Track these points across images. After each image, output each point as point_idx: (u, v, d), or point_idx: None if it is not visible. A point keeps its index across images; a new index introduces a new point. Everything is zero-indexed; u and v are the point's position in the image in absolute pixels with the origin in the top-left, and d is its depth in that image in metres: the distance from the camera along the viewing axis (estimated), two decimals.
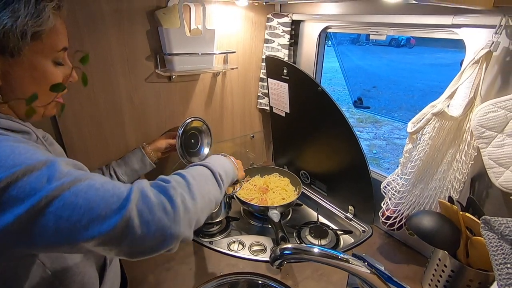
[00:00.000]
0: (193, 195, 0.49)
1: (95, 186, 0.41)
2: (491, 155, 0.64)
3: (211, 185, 0.57)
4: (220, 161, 0.68)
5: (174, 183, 0.48)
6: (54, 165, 0.40)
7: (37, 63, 0.48)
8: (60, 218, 0.38)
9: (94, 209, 0.39)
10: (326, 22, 1.06)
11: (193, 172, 0.55)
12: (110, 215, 0.40)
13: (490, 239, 0.46)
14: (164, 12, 0.90)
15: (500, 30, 0.62)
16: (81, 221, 0.38)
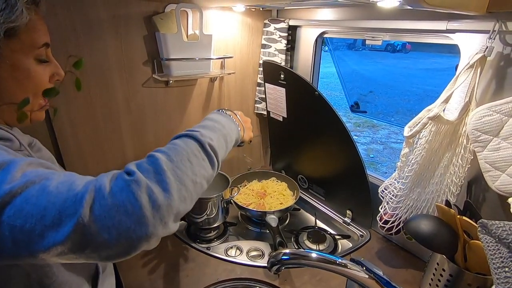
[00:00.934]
0: (167, 186, 0.40)
1: (48, 189, 0.36)
2: (487, 158, 0.65)
3: (197, 167, 0.46)
4: (215, 123, 0.56)
5: (139, 174, 0.39)
6: (10, 167, 0.36)
7: (18, 63, 0.46)
8: (13, 227, 0.34)
9: (46, 216, 0.35)
10: (323, 27, 1.07)
11: (171, 151, 0.45)
12: (64, 221, 0.35)
13: (487, 242, 0.46)
14: (161, 18, 0.90)
15: (494, 35, 0.63)
16: (35, 230, 0.34)
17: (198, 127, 0.53)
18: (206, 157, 0.48)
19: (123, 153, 0.98)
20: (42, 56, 0.49)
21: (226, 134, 0.56)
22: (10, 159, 0.38)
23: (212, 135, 0.52)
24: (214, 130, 0.54)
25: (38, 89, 0.50)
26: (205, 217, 0.99)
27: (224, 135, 0.56)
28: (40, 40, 0.48)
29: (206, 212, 1.00)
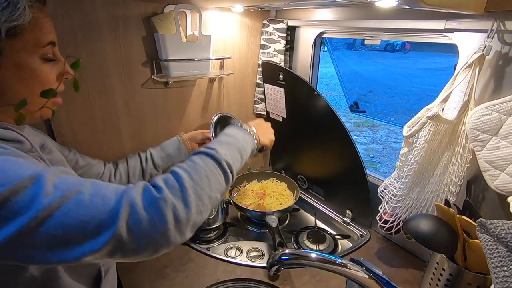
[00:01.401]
0: (189, 203, 0.45)
1: (84, 204, 0.39)
2: (486, 157, 0.65)
3: (214, 183, 0.50)
4: (230, 138, 0.60)
5: (166, 192, 0.44)
6: (41, 180, 0.39)
7: (22, 62, 0.45)
8: (53, 237, 0.38)
9: (85, 228, 0.39)
10: (321, 27, 1.07)
11: (193, 171, 0.49)
12: (102, 232, 0.39)
13: (486, 242, 0.46)
14: (160, 19, 0.90)
15: (492, 34, 0.63)
16: (75, 239, 0.38)
17: (215, 144, 0.57)
18: (222, 173, 0.52)
19: (122, 154, 0.98)
20: (48, 54, 0.49)
21: (241, 148, 0.60)
22: (35, 171, 0.39)
23: (228, 151, 0.56)
24: (229, 145, 0.58)
25: (45, 87, 0.49)
26: (206, 217, 0.99)
27: (239, 148, 0.60)
28: (45, 39, 0.47)
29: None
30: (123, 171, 0.87)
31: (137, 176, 0.89)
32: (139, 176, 0.90)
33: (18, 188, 0.37)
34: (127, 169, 0.88)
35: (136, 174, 0.89)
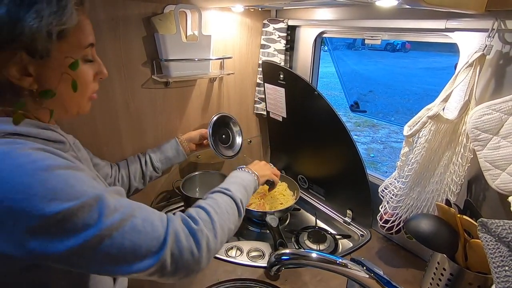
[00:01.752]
0: (216, 234, 0.53)
1: (137, 228, 0.44)
2: (487, 157, 0.65)
3: (232, 216, 0.60)
4: (238, 179, 0.71)
5: (201, 224, 0.52)
6: (104, 201, 0.43)
7: (66, 63, 0.48)
8: (108, 255, 0.42)
9: (137, 250, 0.44)
10: (322, 27, 1.07)
11: (216, 206, 0.58)
12: (150, 256, 0.44)
13: (487, 241, 0.46)
14: (160, 19, 0.90)
15: (493, 33, 0.62)
16: (125, 259, 0.43)
17: (227, 184, 0.67)
18: (236, 210, 0.62)
19: (122, 154, 0.98)
20: (88, 56, 0.51)
21: (246, 186, 0.71)
22: (99, 190, 0.43)
23: (238, 190, 0.66)
24: (238, 184, 0.68)
25: (84, 88, 0.52)
26: None
27: (245, 186, 0.70)
28: (86, 41, 0.50)
29: None
30: (125, 175, 0.89)
31: (137, 179, 0.91)
32: (140, 179, 0.91)
33: (85, 205, 0.41)
34: (128, 173, 0.90)
35: (137, 177, 0.91)
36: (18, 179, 0.38)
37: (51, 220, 0.39)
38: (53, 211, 0.38)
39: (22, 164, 0.39)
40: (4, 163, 0.39)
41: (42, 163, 0.40)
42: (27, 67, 0.44)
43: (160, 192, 1.14)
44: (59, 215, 0.39)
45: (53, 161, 0.42)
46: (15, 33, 0.40)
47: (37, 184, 0.39)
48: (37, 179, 0.39)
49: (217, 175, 1.15)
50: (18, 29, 0.40)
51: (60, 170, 0.41)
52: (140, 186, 0.92)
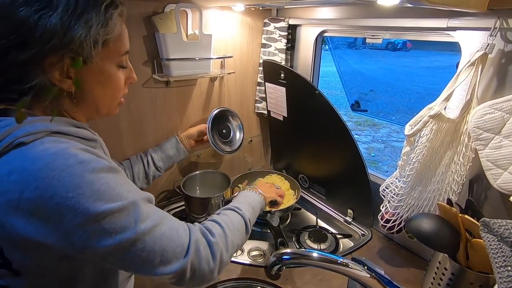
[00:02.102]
0: (228, 248, 0.58)
1: (166, 234, 0.49)
2: (489, 156, 0.64)
3: (241, 233, 0.65)
4: (247, 198, 0.76)
5: (218, 237, 0.56)
6: (139, 207, 0.47)
7: (104, 68, 0.51)
8: (138, 256, 0.46)
9: (164, 255, 0.47)
10: (323, 26, 1.07)
11: (229, 223, 0.62)
12: (175, 261, 0.49)
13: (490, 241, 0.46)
14: (160, 18, 0.90)
15: (495, 32, 0.62)
16: (153, 262, 0.47)
17: (238, 204, 0.71)
18: (245, 228, 0.67)
19: (123, 154, 0.98)
20: (123, 62, 0.54)
21: (254, 206, 0.75)
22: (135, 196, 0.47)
23: (247, 209, 0.71)
24: (247, 204, 0.73)
25: (117, 92, 0.56)
26: (206, 217, 0.99)
27: (253, 207, 0.74)
28: (124, 49, 0.53)
29: (207, 211, 1.00)
30: (129, 175, 0.91)
31: (141, 179, 0.92)
32: (143, 179, 0.93)
33: (124, 209, 0.44)
34: (132, 174, 0.91)
35: (141, 177, 0.92)
36: (69, 179, 0.41)
37: (94, 218, 0.42)
38: (97, 210, 0.42)
39: (71, 165, 0.42)
40: (55, 162, 0.41)
41: (89, 166, 0.43)
42: (69, 70, 0.46)
43: (161, 191, 1.14)
44: (101, 215, 0.42)
45: (97, 163, 0.45)
46: (65, 41, 0.43)
47: (84, 185, 0.42)
48: (85, 180, 0.42)
49: (218, 175, 1.15)
50: (68, 37, 0.43)
51: (103, 173, 0.44)
52: (144, 186, 0.93)
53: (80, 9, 0.44)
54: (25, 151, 0.42)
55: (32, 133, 0.43)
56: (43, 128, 0.44)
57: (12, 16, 0.41)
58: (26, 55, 0.42)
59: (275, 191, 0.91)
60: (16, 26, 0.41)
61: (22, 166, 0.41)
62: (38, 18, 0.41)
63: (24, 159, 0.41)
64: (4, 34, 0.42)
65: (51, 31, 0.42)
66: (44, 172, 0.40)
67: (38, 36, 0.42)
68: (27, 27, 0.42)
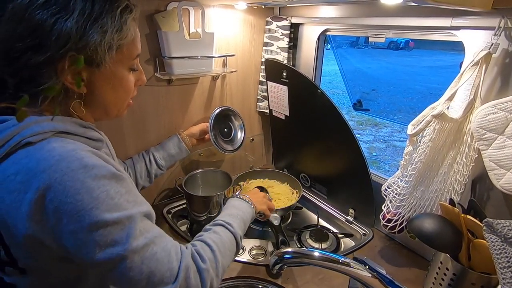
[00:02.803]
0: (218, 273, 0.55)
1: (156, 256, 0.46)
2: (492, 157, 0.64)
3: (232, 254, 0.63)
4: (239, 211, 0.72)
5: (208, 263, 0.54)
6: (134, 222, 0.45)
7: (116, 72, 0.51)
8: (124, 275, 0.44)
9: (151, 278, 0.45)
10: (325, 25, 1.07)
11: (221, 245, 0.59)
12: (161, 285, 0.46)
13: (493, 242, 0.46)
14: (163, 16, 0.90)
15: (499, 31, 0.62)
16: (138, 284, 0.45)
17: (230, 218, 0.67)
18: (236, 246, 0.64)
19: (125, 152, 0.98)
20: (134, 65, 0.55)
21: (246, 220, 0.72)
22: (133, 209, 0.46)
23: (239, 224, 0.67)
24: (238, 218, 0.69)
25: (127, 94, 0.56)
26: (207, 215, 0.99)
27: (244, 220, 0.71)
28: (136, 52, 0.54)
29: (209, 210, 1.00)
30: (132, 174, 0.91)
31: (143, 177, 0.93)
32: (145, 177, 0.93)
33: (118, 222, 0.43)
34: (135, 172, 0.92)
35: (143, 176, 0.93)
36: (70, 183, 0.41)
37: (87, 228, 0.41)
38: (91, 220, 0.41)
39: (74, 169, 0.42)
40: (59, 165, 0.41)
41: (92, 172, 0.43)
42: (81, 72, 0.47)
43: (162, 189, 1.14)
44: (95, 225, 0.41)
45: (100, 169, 0.44)
46: (80, 45, 0.44)
47: (84, 191, 0.41)
48: (85, 186, 0.42)
49: (219, 173, 1.15)
50: (83, 42, 0.44)
51: (105, 180, 0.44)
52: (146, 184, 0.94)
53: (95, 14, 0.44)
54: (32, 151, 0.42)
55: (39, 133, 0.43)
56: (50, 128, 0.45)
57: (28, 19, 0.42)
58: (40, 57, 0.42)
59: (266, 203, 0.86)
60: (32, 29, 0.42)
61: (28, 167, 0.41)
62: (54, 21, 0.42)
63: (30, 159, 0.42)
64: (20, 36, 0.42)
65: (67, 35, 0.42)
66: (47, 174, 0.40)
67: (53, 40, 0.42)
68: (42, 31, 0.42)
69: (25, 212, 0.41)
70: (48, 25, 0.42)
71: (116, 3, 0.47)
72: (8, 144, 0.42)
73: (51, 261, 0.47)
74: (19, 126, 0.43)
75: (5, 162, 0.43)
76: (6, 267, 0.47)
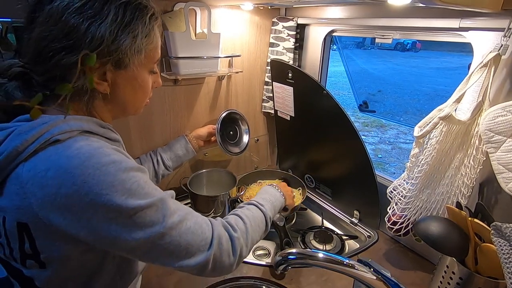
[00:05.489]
0: (248, 243, 0.60)
1: (190, 229, 0.51)
2: (500, 160, 0.63)
3: (260, 230, 0.67)
4: (271, 197, 0.77)
5: (239, 232, 0.59)
6: (166, 203, 0.49)
7: (139, 74, 0.54)
8: (165, 250, 0.48)
9: (189, 248, 0.50)
10: (331, 25, 1.06)
11: (252, 219, 0.64)
12: (199, 254, 0.51)
13: (501, 246, 0.45)
14: (170, 16, 0.91)
15: (509, 33, 0.61)
16: (179, 255, 0.49)
17: (263, 200, 0.73)
18: (265, 225, 0.69)
19: (131, 153, 0.97)
20: (154, 68, 0.58)
21: (276, 206, 0.77)
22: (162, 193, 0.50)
23: (270, 208, 0.72)
24: (270, 202, 0.74)
25: (145, 95, 0.59)
26: (212, 215, 1.00)
27: (275, 206, 0.76)
28: (157, 56, 0.57)
29: (213, 210, 1.00)
30: None
31: (151, 177, 0.94)
32: (153, 177, 0.94)
33: (152, 205, 0.47)
34: None
35: (151, 176, 0.94)
36: (103, 177, 0.43)
37: (126, 214, 0.44)
38: (129, 207, 0.44)
39: (105, 164, 0.44)
40: (90, 161, 0.43)
41: (120, 165, 0.46)
42: (106, 73, 0.50)
43: (167, 189, 1.14)
44: (133, 211, 0.45)
45: (128, 163, 0.47)
46: (112, 49, 0.47)
47: (117, 183, 0.44)
48: (118, 178, 0.44)
49: (224, 173, 1.15)
50: (115, 45, 0.47)
51: (133, 172, 0.47)
52: None
53: (127, 20, 0.47)
54: (61, 149, 0.44)
55: (67, 131, 0.46)
56: (77, 127, 0.47)
57: (64, 22, 0.44)
58: (73, 58, 0.45)
59: (292, 199, 0.91)
60: (67, 31, 0.44)
61: (59, 163, 0.43)
62: (88, 25, 0.45)
63: (60, 156, 0.44)
64: (56, 37, 0.45)
65: (100, 39, 0.45)
66: (80, 170, 0.42)
67: (87, 42, 0.45)
68: (77, 33, 0.44)
69: (60, 206, 0.43)
70: (83, 28, 0.44)
71: (145, 10, 0.50)
72: (38, 141, 0.44)
73: (75, 253, 0.49)
74: (49, 124, 0.45)
75: (35, 158, 0.44)
76: (28, 260, 0.48)
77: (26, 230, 0.45)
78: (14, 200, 0.44)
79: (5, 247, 0.48)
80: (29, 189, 0.43)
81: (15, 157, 0.44)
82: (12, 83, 0.49)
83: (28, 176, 0.43)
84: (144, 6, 0.50)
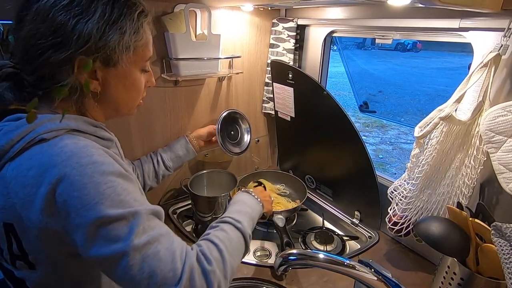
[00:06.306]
0: (226, 275, 0.52)
1: (159, 255, 0.44)
2: (501, 160, 0.63)
3: (240, 254, 0.60)
4: (248, 208, 0.70)
5: (215, 265, 0.50)
6: (139, 218, 0.44)
7: (130, 72, 0.53)
8: (125, 273, 0.43)
9: (152, 278, 0.43)
10: (332, 26, 1.06)
11: (228, 244, 0.56)
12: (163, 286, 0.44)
13: (501, 246, 0.45)
14: (170, 18, 0.91)
15: (509, 33, 0.61)
16: (139, 283, 0.43)
17: (239, 215, 0.64)
18: (245, 246, 0.61)
19: (131, 153, 0.99)
20: (145, 67, 0.57)
21: (254, 217, 0.70)
22: (138, 206, 0.45)
23: (248, 222, 0.64)
24: (247, 215, 0.66)
25: (138, 94, 0.58)
26: (212, 216, 1.00)
27: (253, 218, 0.69)
28: (148, 54, 0.56)
29: (214, 211, 1.00)
30: (140, 174, 0.92)
31: (151, 178, 0.94)
32: (153, 178, 0.94)
33: (122, 218, 0.43)
34: (143, 173, 0.93)
35: (151, 176, 0.94)
36: (78, 178, 0.42)
37: (91, 222, 0.42)
38: (96, 215, 0.42)
39: (84, 165, 0.43)
40: (70, 160, 0.43)
41: (100, 167, 0.44)
42: (97, 72, 0.49)
43: (168, 190, 1.15)
44: (99, 220, 0.42)
45: (109, 166, 0.45)
46: (99, 45, 0.46)
47: (90, 186, 0.42)
48: (92, 181, 0.42)
49: (225, 174, 1.15)
50: (102, 42, 0.46)
51: (112, 177, 0.44)
52: (154, 185, 0.95)
53: (115, 16, 0.47)
54: (46, 147, 0.44)
55: (53, 130, 0.45)
56: (63, 126, 0.46)
57: (52, 19, 0.44)
58: (61, 56, 0.45)
59: (270, 204, 0.85)
60: (54, 29, 0.44)
61: (41, 162, 0.43)
62: (75, 22, 0.44)
63: (44, 155, 0.43)
64: (43, 35, 0.44)
65: (87, 35, 0.45)
66: (58, 169, 0.42)
67: (75, 39, 0.44)
68: (64, 30, 0.44)
69: (39, 205, 0.42)
70: (70, 25, 0.44)
71: (134, 7, 0.49)
72: (24, 140, 0.44)
73: (60, 256, 0.48)
74: (35, 123, 0.44)
75: (20, 158, 0.44)
76: (17, 261, 0.48)
77: (12, 230, 0.45)
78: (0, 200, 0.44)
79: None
80: (12, 189, 0.43)
81: (1, 156, 0.44)
82: (3, 84, 0.49)
83: (11, 175, 0.43)
84: (133, 3, 0.49)
